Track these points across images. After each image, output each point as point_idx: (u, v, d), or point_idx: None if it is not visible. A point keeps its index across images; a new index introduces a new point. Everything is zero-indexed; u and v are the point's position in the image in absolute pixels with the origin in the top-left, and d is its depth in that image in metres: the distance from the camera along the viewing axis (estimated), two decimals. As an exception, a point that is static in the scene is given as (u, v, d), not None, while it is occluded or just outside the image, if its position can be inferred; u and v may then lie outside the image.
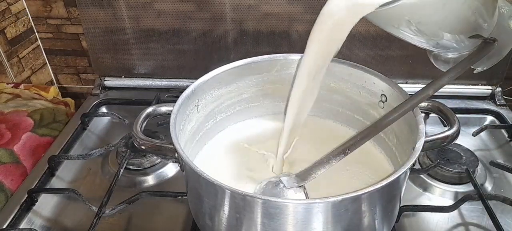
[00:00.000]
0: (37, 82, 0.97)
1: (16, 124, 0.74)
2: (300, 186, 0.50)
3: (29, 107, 0.79)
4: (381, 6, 0.40)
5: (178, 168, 0.69)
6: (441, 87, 0.48)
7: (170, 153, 0.49)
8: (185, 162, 0.45)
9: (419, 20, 0.43)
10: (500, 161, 0.68)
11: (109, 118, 0.82)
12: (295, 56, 0.63)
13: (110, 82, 0.91)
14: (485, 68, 0.50)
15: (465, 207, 0.60)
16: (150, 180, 0.67)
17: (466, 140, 0.74)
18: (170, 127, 0.49)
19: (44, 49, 0.97)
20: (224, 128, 0.66)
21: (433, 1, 0.40)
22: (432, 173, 0.66)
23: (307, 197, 0.50)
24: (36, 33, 0.94)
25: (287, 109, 0.56)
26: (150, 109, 0.54)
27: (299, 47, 0.82)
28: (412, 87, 0.83)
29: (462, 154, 0.67)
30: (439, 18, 0.43)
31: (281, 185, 0.50)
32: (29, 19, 0.92)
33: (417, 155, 0.44)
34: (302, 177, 0.51)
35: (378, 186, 0.41)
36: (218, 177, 0.42)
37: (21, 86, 0.88)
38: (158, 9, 0.81)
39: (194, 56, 0.87)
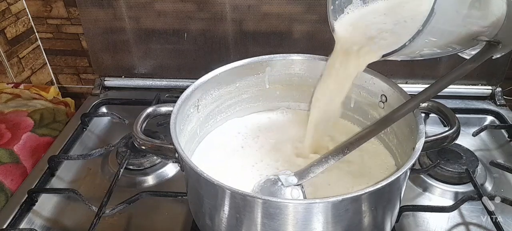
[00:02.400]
0: (37, 82, 0.97)
1: (16, 124, 0.74)
2: (298, 184, 0.50)
3: (29, 107, 0.79)
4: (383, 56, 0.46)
5: (178, 168, 0.69)
6: (442, 89, 0.48)
7: (170, 153, 0.49)
8: (185, 162, 0.45)
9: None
10: (500, 161, 0.68)
11: (109, 118, 0.82)
12: (295, 56, 0.63)
13: (110, 82, 0.91)
14: (503, 53, 0.50)
15: (465, 207, 0.60)
16: (150, 180, 0.67)
17: (466, 140, 0.74)
18: (170, 127, 0.49)
19: (44, 49, 0.97)
20: (222, 123, 0.66)
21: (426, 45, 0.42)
22: (432, 173, 0.66)
23: (304, 195, 0.50)
24: (36, 33, 0.94)
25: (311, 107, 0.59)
26: (150, 109, 0.54)
27: (299, 47, 0.83)
28: (412, 87, 0.84)
29: (462, 154, 0.67)
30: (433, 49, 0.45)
31: (279, 183, 0.50)
32: (29, 19, 0.92)
33: (417, 156, 0.45)
34: (301, 175, 0.51)
35: (378, 186, 0.41)
36: (215, 173, 0.43)
37: (21, 86, 0.88)
38: (158, 9, 0.81)
39: (194, 56, 0.87)
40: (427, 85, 0.51)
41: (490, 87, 0.86)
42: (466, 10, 0.41)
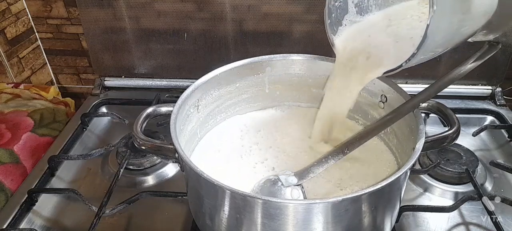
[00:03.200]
0: (37, 82, 0.97)
1: (16, 124, 0.74)
2: (298, 185, 0.50)
3: (29, 107, 0.79)
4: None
5: (178, 168, 0.69)
6: (442, 88, 0.48)
7: (170, 153, 0.49)
8: (185, 162, 0.45)
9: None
10: (500, 161, 0.68)
11: (109, 118, 0.82)
12: (295, 57, 0.63)
13: (110, 82, 0.91)
14: (496, 35, 0.50)
15: (465, 207, 0.60)
16: (150, 180, 0.67)
17: (466, 140, 0.75)
18: (170, 127, 0.49)
19: (44, 49, 0.97)
20: (222, 121, 0.66)
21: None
22: (432, 173, 0.66)
23: (304, 195, 0.50)
24: (36, 33, 0.94)
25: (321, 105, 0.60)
26: (150, 109, 0.54)
27: (299, 47, 0.83)
28: (412, 87, 0.84)
29: (462, 154, 0.67)
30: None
31: (279, 183, 0.50)
32: (29, 19, 0.92)
33: (417, 156, 0.45)
34: (301, 175, 0.51)
35: (378, 186, 0.41)
36: (215, 173, 0.43)
37: (21, 86, 0.88)
38: (158, 9, 0.81)
39: (194, 56, 0.87)
40: (427, 85, 0.51)
41: (490, 87, 0.86)
42: (460, 17, 0.42)
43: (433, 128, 0.76)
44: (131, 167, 0.68)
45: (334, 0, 0.54)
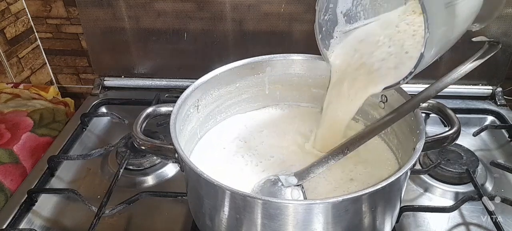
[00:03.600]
0: (37, 82, 0.97)
1: (15, 124, 0.74)
2: (298, 185, 0.50)
3: (29, 107, 0.79)
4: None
5: (178, 168, 0.69)
6: (443, 88, 0.48)
7: (170, 153, 0.49)
8: (185, 163, 0.44)
9: None
10: (500, 161, 0.68)
11: (109, 118, 0.82)
12: (295, 56, 0.63)
13: (109, 82, 0.91)
14: (483, 26, 0.50)
15: (465, 207, 0.60)
16: (150, 180, 0.67)
17: (467, 140, 0.74)
18: (170, 127, 0.49)
19: (44, 49, 0.97)
20: (222, 121, 0.66)
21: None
22: (432, 173, 0.66)
23: (305, 196, 0.50)
24: (36, 33, 0.94)
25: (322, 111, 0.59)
26: (150, 109, 0.54)
27: (299, 47, 0.83)
28: (412, 87, 0.83)
29: (462, 154, 0.67)
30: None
31: (279, 184, 0.50)
32: (29, 19, 0.91)
33: (417, 156, 0.44)
34: (301, 175, 0.51)
35: (379, 186, 0.41)
36: (215, 173, 0.43)
37: (21, 86, 0.87)
38: (158, 9, 0.81)
39: (194, 56, 0.87)
40: (427, 85, 0.51)
41: (490, 87, 0.86)
42: (450, 26, 0.42)
43: (434, 128, 0.76)
44: (130, 167, 0.68)
45: (323, 15, 0.54)
